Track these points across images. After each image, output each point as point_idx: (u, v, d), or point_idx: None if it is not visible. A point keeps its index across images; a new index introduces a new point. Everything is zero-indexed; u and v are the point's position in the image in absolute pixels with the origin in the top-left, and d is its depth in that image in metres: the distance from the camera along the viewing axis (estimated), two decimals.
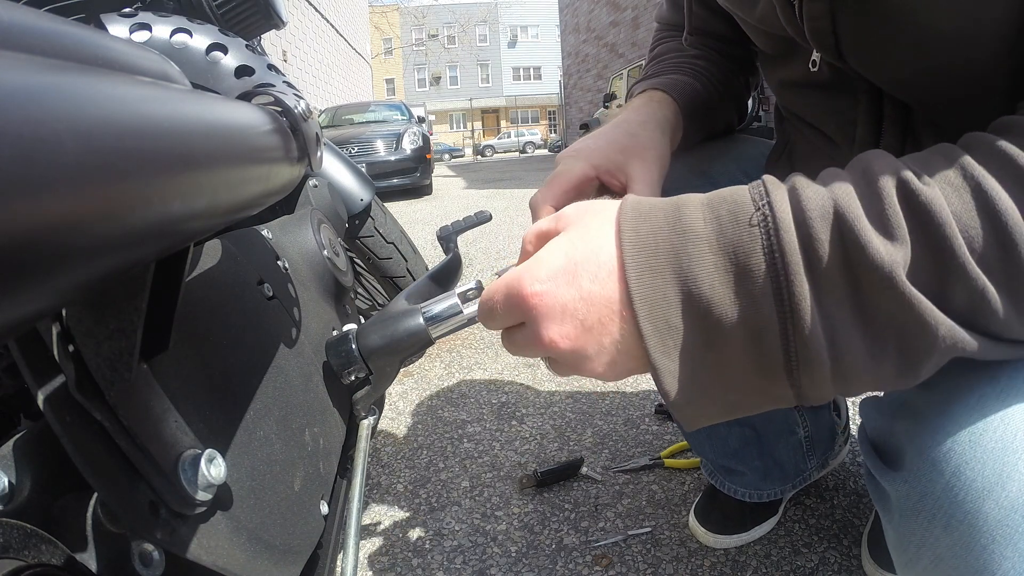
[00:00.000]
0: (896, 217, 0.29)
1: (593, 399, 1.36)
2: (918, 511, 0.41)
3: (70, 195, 0.17)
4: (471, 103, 40.20)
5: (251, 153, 0.36)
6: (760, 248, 0.30)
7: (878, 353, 0.30)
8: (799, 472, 0.88)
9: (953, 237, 0.28)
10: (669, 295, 0.31)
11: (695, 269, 0.31)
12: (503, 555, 0.90)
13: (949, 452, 0.38)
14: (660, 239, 0.32)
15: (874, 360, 0.30)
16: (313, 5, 11.95)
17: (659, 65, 0.69)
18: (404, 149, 6.66)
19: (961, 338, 0.30)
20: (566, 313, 0.33)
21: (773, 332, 0.30)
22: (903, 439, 0.42)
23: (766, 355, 0.31)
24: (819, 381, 0.31)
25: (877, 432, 0.46)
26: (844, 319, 0.29)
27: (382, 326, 0.51)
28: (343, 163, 1.17)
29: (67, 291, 0.19)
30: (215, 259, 0.50)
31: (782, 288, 0.29)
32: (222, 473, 0.35)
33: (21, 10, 0.23)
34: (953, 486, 0.38)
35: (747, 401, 0.34)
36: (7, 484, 0.30)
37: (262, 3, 0.95)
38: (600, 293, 0.32)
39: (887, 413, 0.44)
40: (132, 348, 0.29)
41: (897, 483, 0.42)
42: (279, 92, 0.61)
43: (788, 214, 0.30)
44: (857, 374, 0.30)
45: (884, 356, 0.30)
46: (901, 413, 0.42)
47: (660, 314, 0.31)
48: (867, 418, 0.48)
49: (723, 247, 0.31)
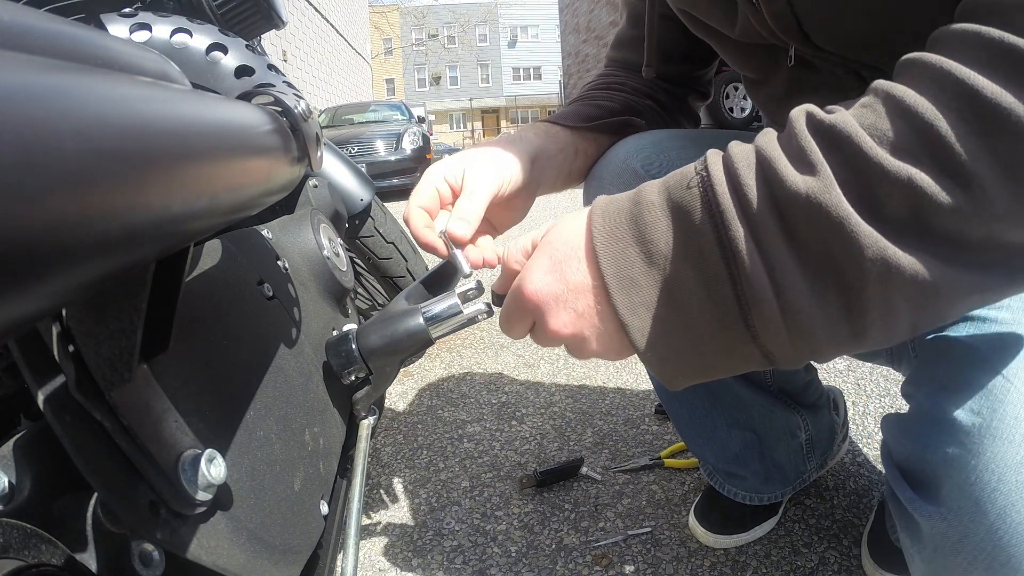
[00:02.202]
0: (809, 146, 0.30)
1: (593, 399, 1.36)
2: (957, 551, 0.40)
3: (70, 195, 0.17)
4: (471, 103, 40.19)
5: (251, 153, 0.36)
6: (700, 205, 0.33)
7: (819, 287, 0.31)
8: (799, 474, 0.88)
9: (862, 142, 0.29)
10: (631, 256, 0.35)
11: (650, 231, 0.34)
12: (503, 555, 0.89)
13: (995, 492, 0.37)
14: (622, 212, 0.36)
15: (815, 295, 0.31)
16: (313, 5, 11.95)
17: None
18: (404, 149, 6.66)
19: (895, 259, 0.29)
20: (559, 303, 0.37)
21: (723, 279, 0.32)
22: (940, 469, 0.41)
23: (721, 303, 0.33)
24: (772, 325, 0.32)
25: (906, 456, 0.45)
26: (780, 254, 0.31)
27: (382, 326, 0.51)
28: (343, 163, 1.17)
29: (67, 291, 0.19)
30: (215, 259, 0.50)
31: (722, 235, 0.32)
32: (222, 473, 0.35)
33: (21, 10, 0.23)
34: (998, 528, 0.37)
35: (719, 362, 0.35)
36: (7, 484, 0.30)
37: (262, 3, 0.95)
38: (583, 281, 0.36)
39: (917, 434, 0.44)
40: (132, 348, 0.29)
41: (935, 519, 0.41)
42: (279, 92, 0.61)
43: (720, 170, 0.33)
44: (803, 312, 0.31)
45: (825, 290, 0.31)
46: (936, 438, 0.42)
47: (625, 274, 0.34)
48: (892, 438, 0.47)
49: (672, 209, 0.34)
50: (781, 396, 0.81)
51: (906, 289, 0.30)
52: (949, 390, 0.43)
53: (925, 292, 0.30)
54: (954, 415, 0.41)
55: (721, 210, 0.32)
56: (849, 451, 1.07)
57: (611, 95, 0.72)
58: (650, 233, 0.34)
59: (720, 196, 0.32)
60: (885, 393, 1.27)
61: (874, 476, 1.00)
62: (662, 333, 0.35)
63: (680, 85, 0.78)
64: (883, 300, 0.30)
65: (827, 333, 0.31)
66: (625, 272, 0.35)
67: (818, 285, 0.31)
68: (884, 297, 0.30)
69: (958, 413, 0.41)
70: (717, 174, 0.33)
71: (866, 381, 1.33)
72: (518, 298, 0.39)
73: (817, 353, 0.33)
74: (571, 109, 0.68)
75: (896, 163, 0.29)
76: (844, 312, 0.31)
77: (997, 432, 0.39)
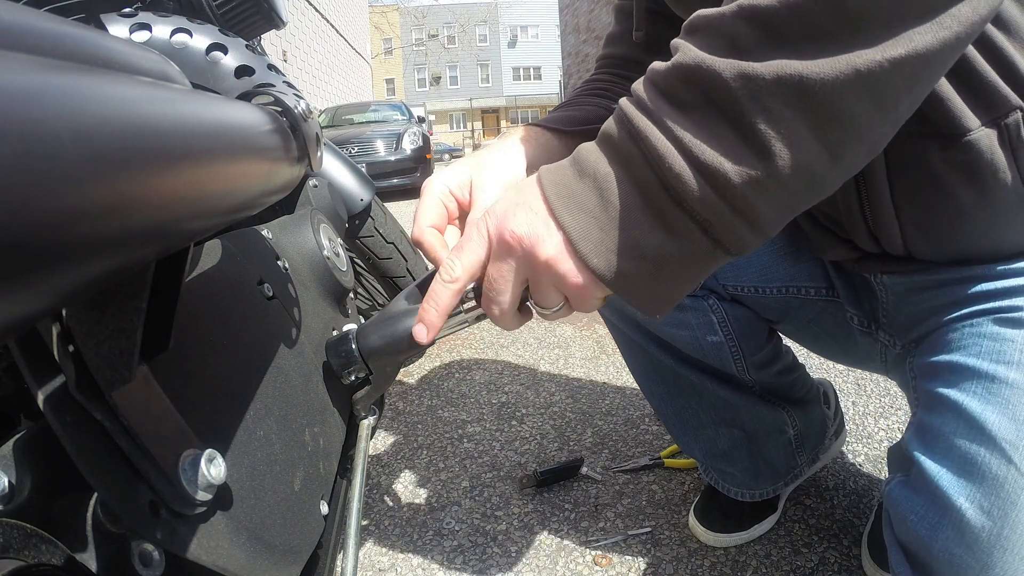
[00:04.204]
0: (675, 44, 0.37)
1: (593, 399, 1.36)
2: None
3: (70, 195, 0.17)
4: (471, 103, 40.19)
5: (251, 153, 0.36)
6: (616, 124, 0.38)
7: (712, 132, 0.34)
8: (790, 469, 0.88)
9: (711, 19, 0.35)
10: (568, 174, 0.39)
11: (583, 155, 0.39)
12: (503, 555, 0.90)
13: None
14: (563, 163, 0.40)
15: (713, 139, 0.34)
16: (313, 5, 11.95)
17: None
18: (404, 149, 6.66)
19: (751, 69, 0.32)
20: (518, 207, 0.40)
21: (640, 163, 0.36)
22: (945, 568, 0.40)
23: (644, 185, 0.36)
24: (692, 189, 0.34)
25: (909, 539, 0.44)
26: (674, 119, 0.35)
27: (382, 326, 0.51)
28: (343, 163, 1.17)
29: (67, 291, 0.19)
30: (215, 259, 0.50)
31: (631, 131, 0.36)
32: (222, 473, 0.35)
33: (21, 10, 0.23)
34: None
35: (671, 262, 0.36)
36: (7, 484, 0.30)
37: (262, 3, 0.95)
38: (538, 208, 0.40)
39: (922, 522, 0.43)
40: (132, 348, 0.29)
41: None
42: (279, 92, 0.61)
43: (627, 98, 0.38)
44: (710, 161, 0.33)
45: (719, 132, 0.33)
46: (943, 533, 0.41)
47: (564, 189, 0.38)
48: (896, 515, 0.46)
49: (600, 139, 0.39)
50: (765, 396, 0.81)
51: (775, 92, 0.32)
52: (958, 476, 0.41)
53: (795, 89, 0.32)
54: (963, 512, 0.40)
55: (628, 116, 0.36)
56: (849, 451, 1.07)
57: (597, 101, 0.72)
58: (583, 156, 0.39)
59: (626, 108, 0.37)
60: (885, 393, 1.27)
61: (874, 476, 1.00)
62: (600, 231, 0.37)
63: None
64: (763, 112, 0.32)
65: (741, 177, 0.33)
66: (565, 189, 0.39)
67: (711, 131, 0.34)
68: (762, 109, 0.32)
69: (967, 508, 0.40)
70: (624, 100, 0.38)
71: (866, 381, 1.33)
72: (498, 241, 0.41)
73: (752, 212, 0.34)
74: (560, 114, 0.68)
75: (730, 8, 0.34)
76: (741, 141, 0.33)
77: (1008, 544, 0.38)
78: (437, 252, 0.51)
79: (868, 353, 0.70)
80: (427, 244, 0.51)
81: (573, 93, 0.76)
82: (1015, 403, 0.42)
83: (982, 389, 0.44)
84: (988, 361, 0.45)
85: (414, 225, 0.53)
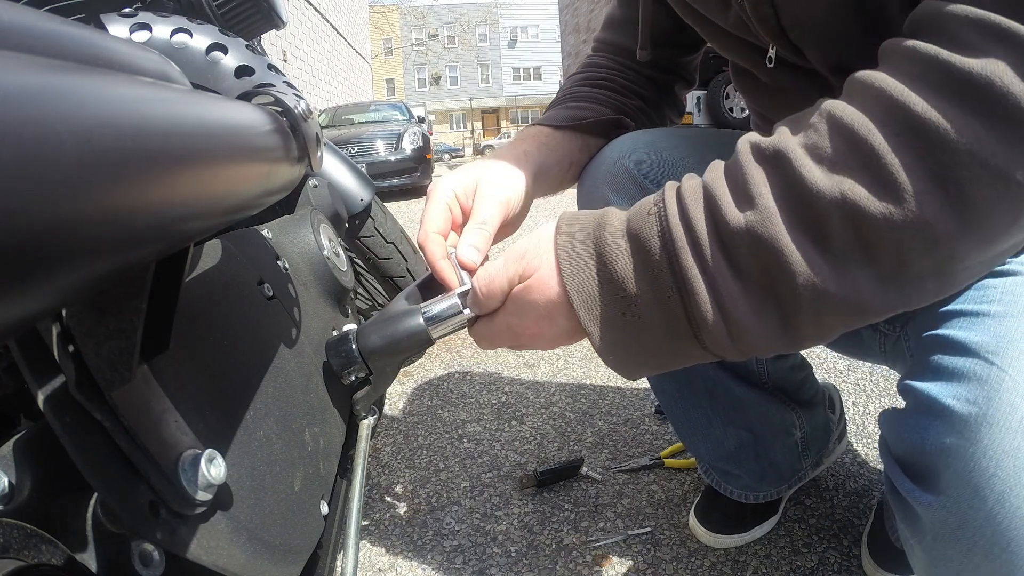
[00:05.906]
0: (751, 177, 0.34)
1: (593, 399, 1.36)
2: (957, 538, 0.41)
3: (70, 195, 0.17)
4: (471, 103, 40.18)
5: (251, 153, 0.36)
6: (655, 232, 0.36)
7: (759, 307, 0.34)
8: (794, 472, 0.88)
9: (801, 166, 0.32)
10: (591, 274, 0.38)
11: (609, 252, 0.37)
12: (503, 555, 0.90)
13: (993, 478, 0.38)
14: (585, 231, 0.39)
15: (756, 314, 0.34)
16: (313, 5, 11.95)
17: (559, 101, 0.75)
18: (404, 149, 6.66)
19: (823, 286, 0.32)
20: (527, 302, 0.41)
21: (674, 300, 0.36)
22: (938, 459, 0.42)
23: (672, 322, 0.36)
24: (720, 341, 0.36)
25: (904, 449, 0.46)
26: (724, 280, 0.34)
27: (382, 326, 0.51)
28: (343, 163, 1.17)
29: (67, 291, 0.19)
30: (215, 259, 0.50)
31: (673, 263, 0.35)
32: (222, 473, 0.35)
33: (21, 10, 0.23)
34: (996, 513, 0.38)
35: (670, 361, 0.39)
36: (7, 484, 0.30)
37: (262, 3, 0.95)
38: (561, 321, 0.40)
39: (914, 427, 0.44)
40: (132, 348, 0.29)
41: (934, 508, 0.42)
42: (279, 92, 0.61)
43: (674, 203, 0.36)
44: (749, 331, 0.34)
45: (765, 309, 0.34)
46: (934, 430, 0.42)
47: (586, 290, 0.38)
48: (890, 432, 0.48)
49: (630, 233, 0.37)
50: (776, 393, 0.82)
51: (837, 311, 0.33)
52: (945, 383, 0.43)
53: (854, 312, 0.33)
54: (950, 406, 0.42)
55: (673, 240, 0.35)
56: (849, 451, 1.07)
57: (598, 94, 0.73)
58: (608, 253, 0.38)
59: (673, 228, 0.36)
60: (885, 393, 1.27)
61: (874, 476, 1.00)
62: (617, 339, 0.38)
63: (667, 71, 0.79)
64: (815, 317, 0.34)
65: (766, 342, 0.35)
66: (587, 290, 0.38)
67: (758, 305, 0.34)
68: (816, 315, 0.34)
69: (954, 404, 0.41)
70: (671, 207, 0.36)
71: (866, 381, 1.33)
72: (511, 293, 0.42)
73: (757, 353, 0.37)
74: (562, 111, 0.68)
75: (832, 179, 0.31)
76: (781, 325, 0.35)
77: (993, 420, 0.39)
78: (437, 261, 0.51)
79: (868, 343, 0.70)
80: (429, 251, 0.52)
81: (572, 81, 0.76)
82: (996, 327, 0.44)
83: (966, 323, 0.46)
84: (972, 303, 0.47)
85: (420, 228, 0.53)
